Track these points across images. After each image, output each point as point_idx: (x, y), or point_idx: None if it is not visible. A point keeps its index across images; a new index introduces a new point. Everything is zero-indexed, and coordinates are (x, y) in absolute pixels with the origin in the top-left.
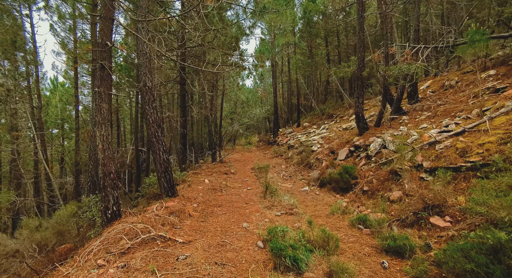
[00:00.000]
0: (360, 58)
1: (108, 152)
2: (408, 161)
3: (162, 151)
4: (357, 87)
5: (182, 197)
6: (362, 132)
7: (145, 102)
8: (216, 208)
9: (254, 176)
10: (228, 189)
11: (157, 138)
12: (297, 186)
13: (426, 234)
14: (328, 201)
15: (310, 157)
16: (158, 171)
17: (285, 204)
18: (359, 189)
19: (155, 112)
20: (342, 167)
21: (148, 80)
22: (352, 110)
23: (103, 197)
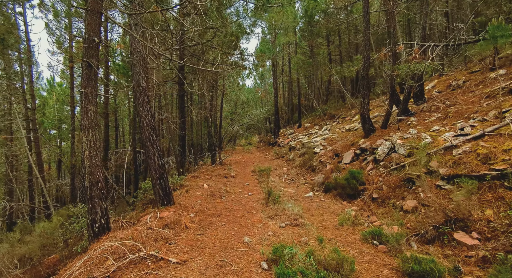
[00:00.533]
0: (366, 57)
1: (95, 159)
2: (422, 167)
3: (157, 156)
4: (362, 87)
5: (179, 206)
6: (368, 134)
7: (138, 103)
8: (215, 218)
9: (255, 180)
10: (228, 195)
11: (152, 142)
12: (301, 191)
13: (451, 253)
14: (335, 209)
15: (313, 159)
16: (153, 178)
17: (290, 213)
18: (368, 196)
19: (149, 114)
20: (349, 172)
21: (142, 80)
22: (354, 111)
23: (89, 209)
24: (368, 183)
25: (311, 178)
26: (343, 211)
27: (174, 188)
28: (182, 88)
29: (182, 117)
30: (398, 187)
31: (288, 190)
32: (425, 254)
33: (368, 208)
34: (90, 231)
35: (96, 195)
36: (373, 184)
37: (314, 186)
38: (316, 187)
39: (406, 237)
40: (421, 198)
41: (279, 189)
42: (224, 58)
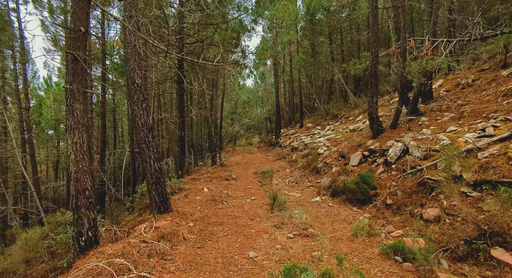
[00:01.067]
0: (374, 53)
1: (82, 164)
2: (443, 171)
3: (153, 159)
4: (370, 85)
5: (177, 213)
6: (377, 135)
7: (133, 101)
8: (217, 228)
9: (258, 182)
10: (229, 199)
11: (148, 144)
12: (306, 195)
13: (491, 274)
14: (345, 216)
15: (317, 160)
16: (149, 183)
17: (297, 221)
18: (381, 202)
19: (145, 113)
20: (359, 175)
21: (137, 77)
22: (358, 110)
23: (75, 220)
24: (380, 188)
25: (316, 181)
26: (355, 219)
27: (173, 192)
28: (181, 87)
29: (182, 117)
30: (415, 193)
31: (293, 194)
32: (461, 276)
33: (382, 216)
34: (75, 245)
35: (83, 205)
36: (385, 189)
37: (320, 189)
38: (323, 191)
39: (434, 253)
40: (444, 206)
41: (283, 193)
42: (225, 56)
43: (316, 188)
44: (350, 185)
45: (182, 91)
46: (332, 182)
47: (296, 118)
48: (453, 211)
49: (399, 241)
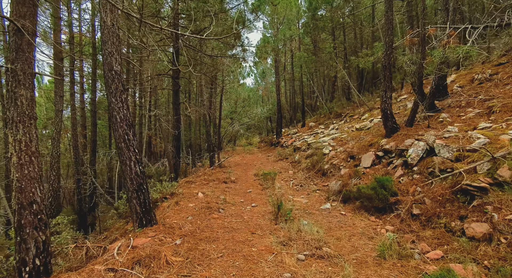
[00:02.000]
0: (388, 42)
1: (29, 169)
2: (485, 176)
3: (135, 162)
4: (384, 78)
5: (162, 226)
6: (391, 133)
7: (110, 92)
8: (209, 246)
9: (259, 186)
10: (227, 206)
11: (128, 143)
12: (313, 200)
13: None
14: (363, 228)
15: (323, 161)
16: (128, 189)
17: (308, 237)
18: (405, 211)
19: (124, 106)
20: (375, 179)
21: (115, 62)
22: (363, 109)
23: (18, 244)
24: (401, 194)
25: (323, 184)
26: (376, 232)
27: (163, 197)
28: (177, 82)
29: (177, 114)
30: (449, 202)
31: (298, 200)
32: None
33: (408, 229)
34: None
35: (29, 223)
36: (408, 196)
37: (329, 194)
38: (332, 197)
39: None
40: (496, 220)
41: (288, 198)
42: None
43: (323, 192)
44: (366, 190)
45: (178, 86)
46: (342, 186)
47: (297, 117)
48: (510, 228)
49: (447, 270)
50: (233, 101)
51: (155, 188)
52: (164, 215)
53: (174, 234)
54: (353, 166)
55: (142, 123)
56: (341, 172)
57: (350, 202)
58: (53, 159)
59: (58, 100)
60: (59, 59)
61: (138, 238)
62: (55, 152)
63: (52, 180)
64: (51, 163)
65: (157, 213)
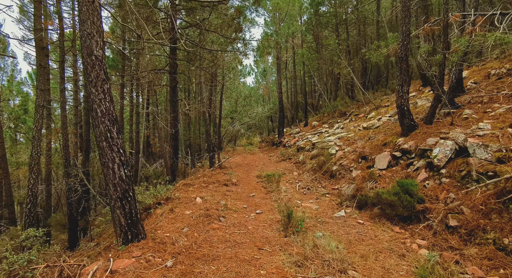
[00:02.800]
0: (405, 32)
1: None
2: None
3: (119, 164)
4: (400, 71)
5: (151, 241)
6: (409, 132)
7: (90, 81)
8: (208, 268)
9: (262, 189)
10: (228, 214)
11: (111, 142)
12: (324, 205)
13: None
14: (389, 242)
15: (330, 162)
16: (111, 197)
17: (328, 256)
18: (438, 221)
19: (107, 98)
20: (398, 183)
21: (96, 46)
22: (369, 107)
23: None
24: (430, 201)
25: (332, 187)
26: (407, 248)
27: (157, 203)
28: (174, 78)
29: (174, 111)
30: (496, 212)
31: (307, 205)
32: None
33: (446, 244)
34: None
35: None
36: (438, 203)
37: (341, 199)
38: (346, 202)
39: None
40: None
41: (295, 203)
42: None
43: (334, 196)
44: (387, 195)
45: (175, 82)
46: (356, 190)
47: (299, 117)
48: None
49: None
50: (233, 100)
51: (148, 192)
52: (155, 226)
53: (165, 251)
54: (365, 168)
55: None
56: (352, 174)
57: (366, 209)
58: (32, 160)
59: (39, 94)
60: (40, 48)
61: (120, 259)
62: (35, 152)
63: (31, 185)
64: (30, 165)
65: (148, 223)
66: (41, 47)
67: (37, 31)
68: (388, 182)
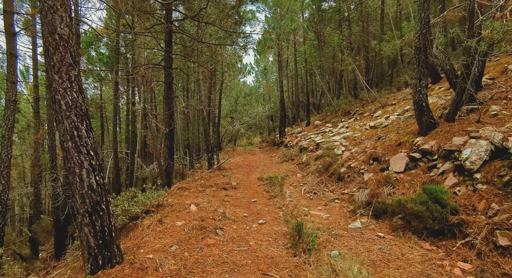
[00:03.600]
0: (424, 18)
1: None
2: None
3: (88, 170)
4: (418, 63)
5: (129, 267)
6: (428, 130)
7: (52, 66)
8: None
9: (264, 193)
10: (226, 225)
11: (78, 142)
12: (335, 214)
13: None
14: (421, 262)
15: (336, 163)
16: (78, 212)
17: None
18: (481, 239)
19: (74, 88)
20: (424, 190)
21: (60, 23)
22: (374, 106)
23: None
24: (465, 212)
25: (342, 191)
26: (447, 274)
27: (146, 211)
28: (170, 74)
29: (169, 109)
30: None
31: (316, 213)
32: None
33: (498, 270)
34: None
35: None
36: (477, 215)
37: (354, 206)
38: (360, 210)
39: None
40: None
41: (302, 211)
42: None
43: (344, 202)
44: (412, 204)
45: (171, 78)
46: (371, 196)
47: (301, 116)
48: None
49: None
50: (233, 99)
51: (136, 199)
52: (140, 241)
53: None
54: (378, 171)
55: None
56: (364, 177)
57: (384, 218)
58: (2, 163)
59: (9, 87)
60: (11, 34)
61: None
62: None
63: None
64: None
65: (133, 236)
66: (11, 33)
67: (6, 14)
68: (408, 188)
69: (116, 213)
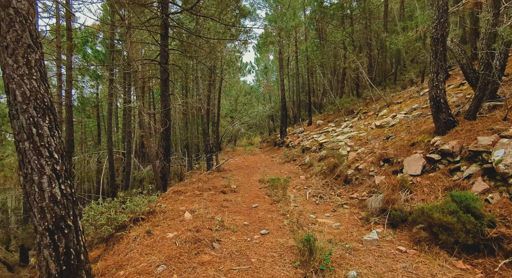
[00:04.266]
0: (442, 7)
1: None
2: None
3: (50, 176)
4: (435, 56)
5: None
6: (446, 129)
7: (4, 47)
8: None
9: (266, 197)
10: (225, 235)
11: (37, 141)
12: (345, 221)
13: None
14: None
15: (342, 165)
16: (36, 230)
17: None
18: None
19: (33, 74)
20: (453, 198)
21: None
22: (379, 104)
23: None
24: (504, 224)
25: (350, 196)
26: None
27: (134, 219)
28: (165, 69)
29: (165, 106)
30: None
31: (324, 221)
32: None
33: None
34: None
35: None
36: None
37: (367, 214)
38: (373, 218)
39: None
40: None
41: (309, 218)
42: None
43: (354, 207)
44: (439, 214)
45: (166, 74)
46: (386, 202)
47: (302, 116)
48: None
49: None
50: (233, 99)
51: (124, 206)
52: (122, 259)
53: None
54: (391, 173)
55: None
56: (374, 180)
57: (402, 228)
58: None
59: None
60: None
61: None
62: None
63: None
64: None
65: (115, 252)
66: None
67: None
68: (428, 193)
69: (100, 223)
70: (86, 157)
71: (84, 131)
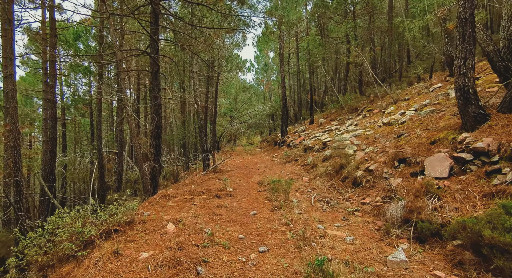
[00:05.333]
0: None
1: None
2: None
3: None
4: (463, 39)
5: None
6: (477, 124)
7: None
8: None
9: (266, 202)
10: (214, 255)
11: None
12: (360, 234)
13: None
14: None
15: (350, 165)
16: None
17: None
18: None
19: None
20: (508, 209)
21: None
22: (384, 101)
23: None
24: None
25: (361, 201)
26: None
27: (106, 232)
28: (155, 61)
29: (155, 101)
30: None
31: (335, 233)
32: None
33: None
34: None
35: None
36: None
37: (386, 224)
38: (395, 230)
39: None
40: None
41: (316, 230)
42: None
43: (367, 215)
44: (494, 233)
45: (157, 67)
46: (409, 210)
47: (303, 114)
48: None
49: None
50: (232, 97)
51: (95, 215)
52: None
53: None
54: (409, 175)
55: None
56: (390, 183)
57: (434, 244)
58: None
59: None
60: None
61: None
62: None
63: None
64: None
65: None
66: None
67: None
68: (462, 200)
69: (58, 239)
70: (78, 157)
71: (78, 130)
